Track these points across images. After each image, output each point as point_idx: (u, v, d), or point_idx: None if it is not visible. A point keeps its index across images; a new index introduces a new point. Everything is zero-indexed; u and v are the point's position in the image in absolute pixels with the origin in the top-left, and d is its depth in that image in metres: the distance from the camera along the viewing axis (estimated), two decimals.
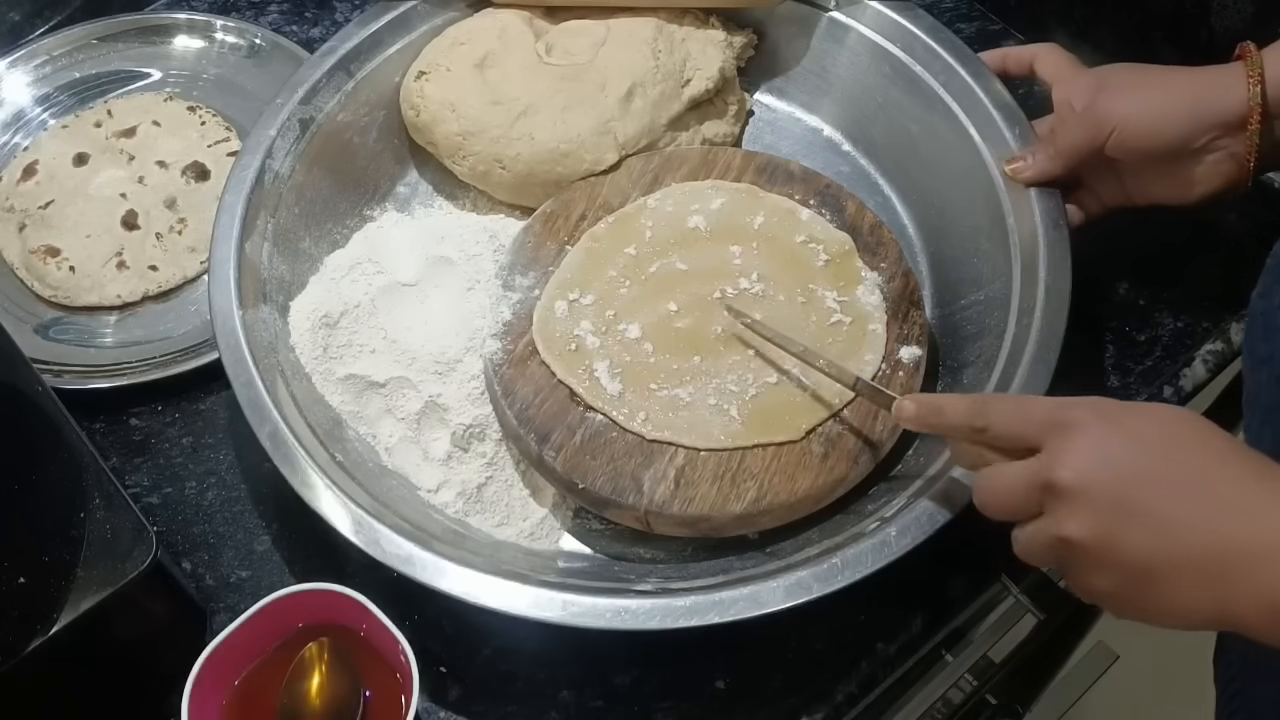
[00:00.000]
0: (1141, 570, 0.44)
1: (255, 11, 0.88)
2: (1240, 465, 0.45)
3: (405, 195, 0.77)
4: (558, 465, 0.60)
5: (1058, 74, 0.67)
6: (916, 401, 0.54)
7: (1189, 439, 0.46)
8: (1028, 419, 0.49)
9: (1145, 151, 0.63)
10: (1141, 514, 0.44)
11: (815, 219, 0.68)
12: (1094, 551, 0.45)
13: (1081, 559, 0.46)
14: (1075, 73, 0.66)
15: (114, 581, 0.52)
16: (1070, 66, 0.67)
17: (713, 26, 0.76)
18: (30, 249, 0.75)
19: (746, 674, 0.60)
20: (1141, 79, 0.64)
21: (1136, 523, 0.44)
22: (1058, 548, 0.47)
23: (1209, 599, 0.43)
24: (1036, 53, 0.69)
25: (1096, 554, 0.45)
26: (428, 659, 0.59)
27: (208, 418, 0.69)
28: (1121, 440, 0.46)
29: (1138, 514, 0.44)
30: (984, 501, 0.51)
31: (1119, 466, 0.45)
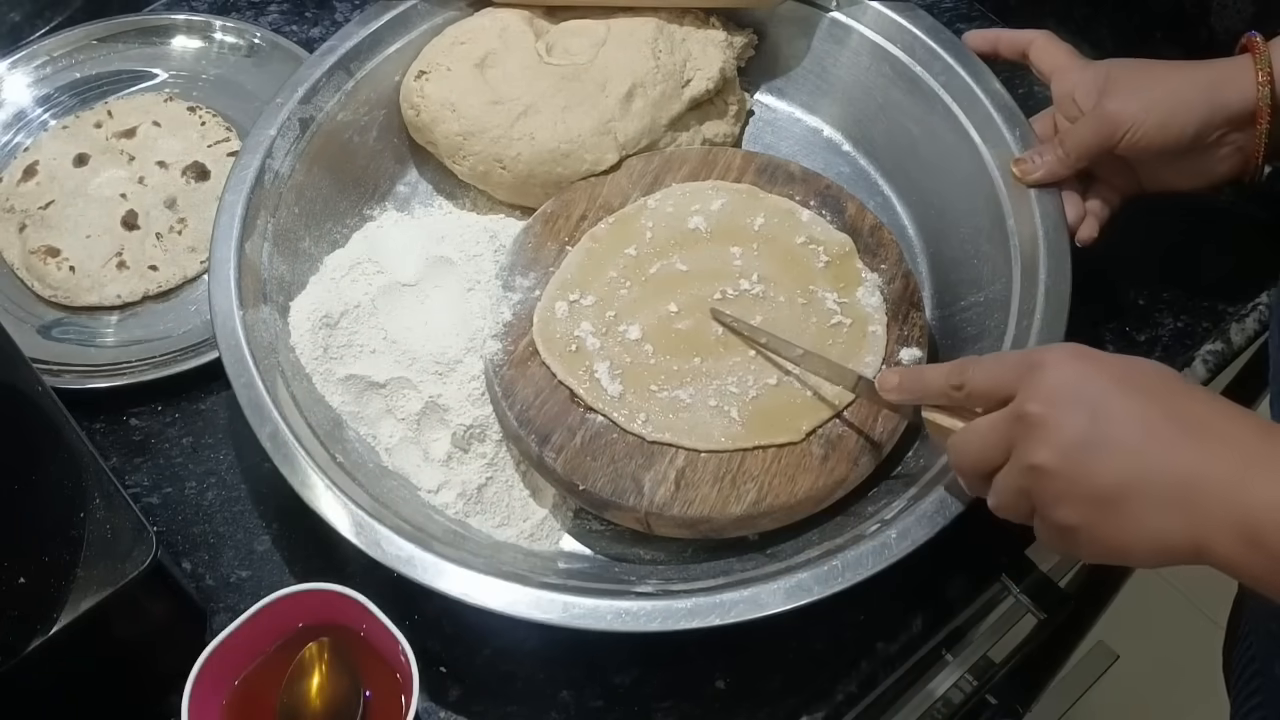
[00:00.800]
0: (1109, 497, 0.44)
1: (255, 11, 0.88)
2: (1209, 399, 0.45)
3: (405, 195, 0.77)
4: (558, 466, 0.60)
5: (1056, 65, 0.67)
6: (899, 372, 0.55)
7: (1160, 375, 0.46)
8: (1002, 365, 0.49)
9: (1156, 150, 0.63)
10: (1110, 439, 0.44)
11: (815, 220, 0.68)
12: (1062, 479, 0.45)
13: (1049, 488, 0.46)
14: (1074, 65, 0.66)
15: (114, 581, 0.52)
16: (1068, 57, 0.67)
17: (713, 26, 0.76)
18: (30, 249, 0.75)
19: (746, 674, 0.60)
20: (1147, 76, 0.63)
21: (1105, 448, 0.44)
22: (1027, 481, 0.47)
23: (1179, 526, 0.42)
24: (1032, 40, 0.68)
25: (1065, 481, 0.45)
26: (428, 659, 0.59)
27: (208, 418, 0.69)
28: (1092, 372, 0.46)
29: (1106, 439, 0.44)
30: (959, 455, 0.51)
31: (1088, 395, 0.45)
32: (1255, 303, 0.72)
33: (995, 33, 0.71)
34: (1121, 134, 0.62)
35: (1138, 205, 0.68)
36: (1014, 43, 0.69)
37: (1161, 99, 0.61)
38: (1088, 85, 0.64)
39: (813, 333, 0.64)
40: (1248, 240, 0.75)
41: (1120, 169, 0.67)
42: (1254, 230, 0.76)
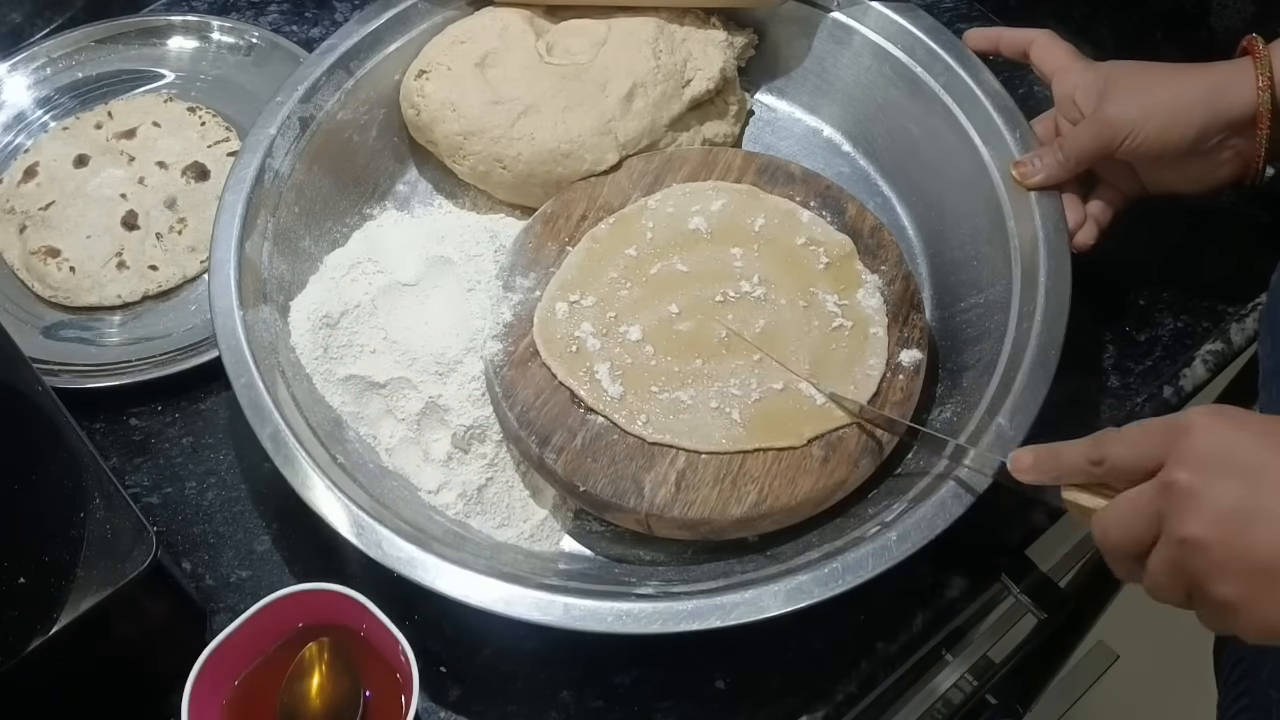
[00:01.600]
0: (1270, 568, 0.41)
1: (255, 11, 0.88)
2: None
3: (405, 194, 0.77)
4: (558, 467, 0.60)
5: (1058, 66, 0.66)
6: (1034, 451, 0.51)
7: None
8: (1145, 433, 0.46)
9: (1156, 155, 0.63)
10: (1268, 507, 0.41)
11: (816, 221, 0.68)
12: (1217, 552, 0.42)
13: (1204, 564, 0.43)
14: (1076, 66, 0.66)
15: (114, 581, 0.52)
16: (1070, 58, 0.66)
17: (714, 26, 0.76)
18: (31, 250, 0.75)
19: (746, 674, 0.60)
20: (1148, 79, 0.63)
21: (1263, 517, 0.41)
22: (1180, 558, 0.43)
23: None
24: (1034, 39, 0.68)
25: (1221, 555, 0.42)
26: (428, 659, 0.59)
27: (208, 418, 0.69)
28: (1242, 434, 0.43)
29: (1264, 507, 0.41)
30: (1104, 536, 0.47)
31: (1241, 459, 0.42)
32: (1255, 303, 0.72)
33: (996, 31, 0.71)
34: (1121, 139, 0.62)
35: (1139, 206, 0.68)
36: (1015, 42, 0.69)
37: (1162, 103, 0.61)
38: (1088, 87, 0.64)
39: (813, 335, 0.63)
40: (1248, 241, 0.75)
41: (1122, 171, 0.66)
42: (1254, 230, 0.76)
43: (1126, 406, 0.69)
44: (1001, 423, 0.58)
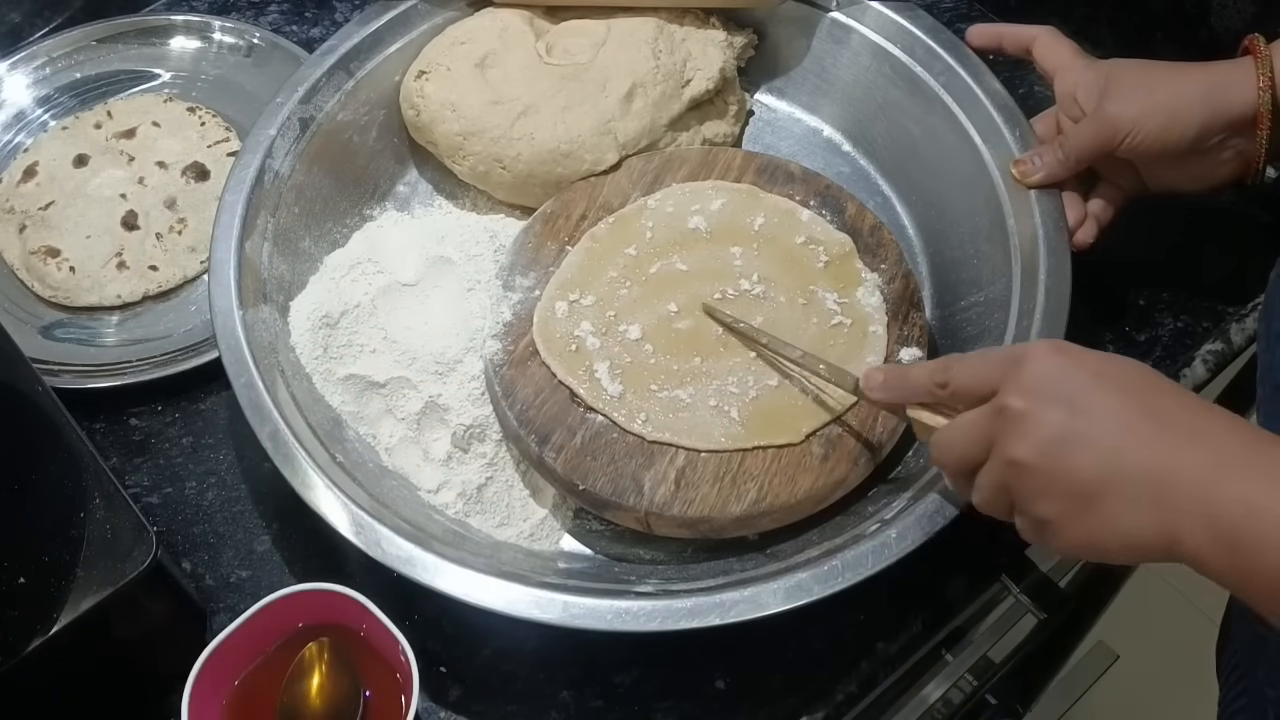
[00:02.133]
0: (1085, 492, 0.44)
1: (255, 12, 0.88)
2: (1186, 397, 0.45)
3: (405, 194, 0.77)
4: (558, 466, 0.60)
5: (1060, 64, 0.66)
6: (884, 370, 0.55)
7: (1139, 372, 0.46)
8: (985, 362, 0.49)
9: (1156, 154, 0.63)
10: (1087, 435, 0.44)
11: (815, 220, 0.68)
12: (1040, 473, 0.45)
13: (1028, 482, 0.46)
14: (1078, 63, 0.66)
15: (114, 581, 0.51)
16: (1072, 55, 0.66)
17: (713, 26, 0.76)
18: (30, 250, 0.75)
19: (746, 674, 0.60)
20: (1149, 78, 0.63)
21: (1082, 443, 0.44)
22: (1007, 476, 0.47)
23: (1152, 522, 0.43)
24: (1036, 36, 0.68)
25: (1043, 476, 0.45)
26: (428, 659, 0.59)
27: (208, 418, 0.69)
28: (1072, 367, 0.46)
29: (1084, 435, 0.44)
30: (941, 452, 0.50)
31: (1067, 390, 0.45)
32: (1255, 303, 0.72)
33: (998, 28, 0.71)
34: (1122, 137, 0.62)
35: (1139, 205, 0.68)
36: (1018, 38, 0.69)
37: (1162, 102, 0.61)
38: (1089, 85, 0.64)
39: (813, 333, 0.64)
40: (1248, 240, 0.75)
41: (1123, 169, 0.67)
42: (1255, 230, 0.76)
43: None
44: None
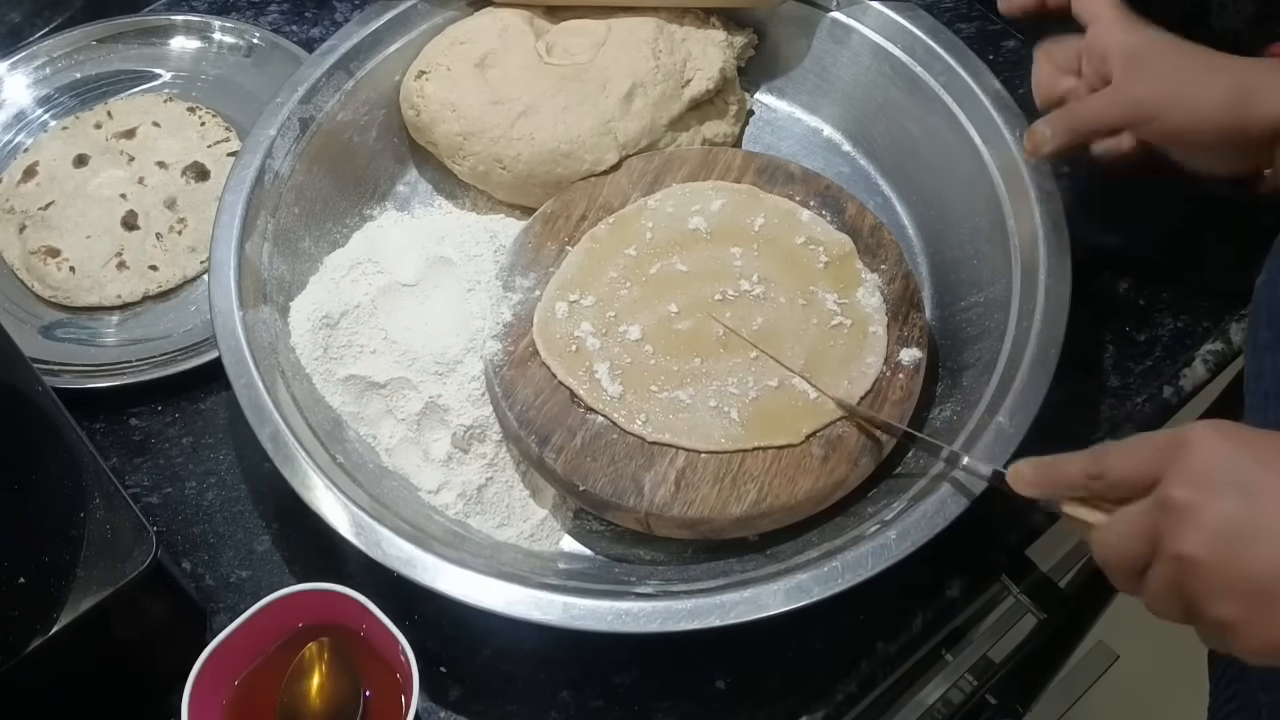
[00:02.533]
0: (1268, 588, 0.40)
1: (255, 12, 0.88)
2: None
3: (405, 195, 0.77)
4: (558, 467, 0.60)
5: (1096, 14, 0.62)
6: (1033, 466, 0.50)
7: None
8: (1144, 448, 0.45)
9: (1177, 143, 0.60)
10: (1265, 525, 0.40)
11: (816, 220, 0.68)
12: (1214, 571, 0.41)
13: (1202, 582, 0.42)
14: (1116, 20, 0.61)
15: (114, 581, 0.52)
16: (1109, 7, 0.62)
17: (713, 26, 0.76)
18: (30, 250, 0.75)
19: (746, 674, 0.60)
20: (1180, 64, 0.59)
21: (1260, 535, 0.40)
22: (1177, 576, 0.43)
23: None
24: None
25: (1217, 574, 0.41)
26: (428, 659, 0.59)
27: (208, 418, 0.69)
28: (1242, 451, 0.42)
29: (1261, 525, 0.40)
30: (1103, 551, 0.46)
31: (1240, 475, 0.41)
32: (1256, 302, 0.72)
33: None
34: (1142, 123, 0.59)
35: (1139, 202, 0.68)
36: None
37: (1188, 95, 0.58)
38: (1122, 51, 0.60)
39: (813, 334, 0.64)
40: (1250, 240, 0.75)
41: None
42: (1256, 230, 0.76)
43: (1126, 406, 0.69)
44: (1001, 421, 0.58)
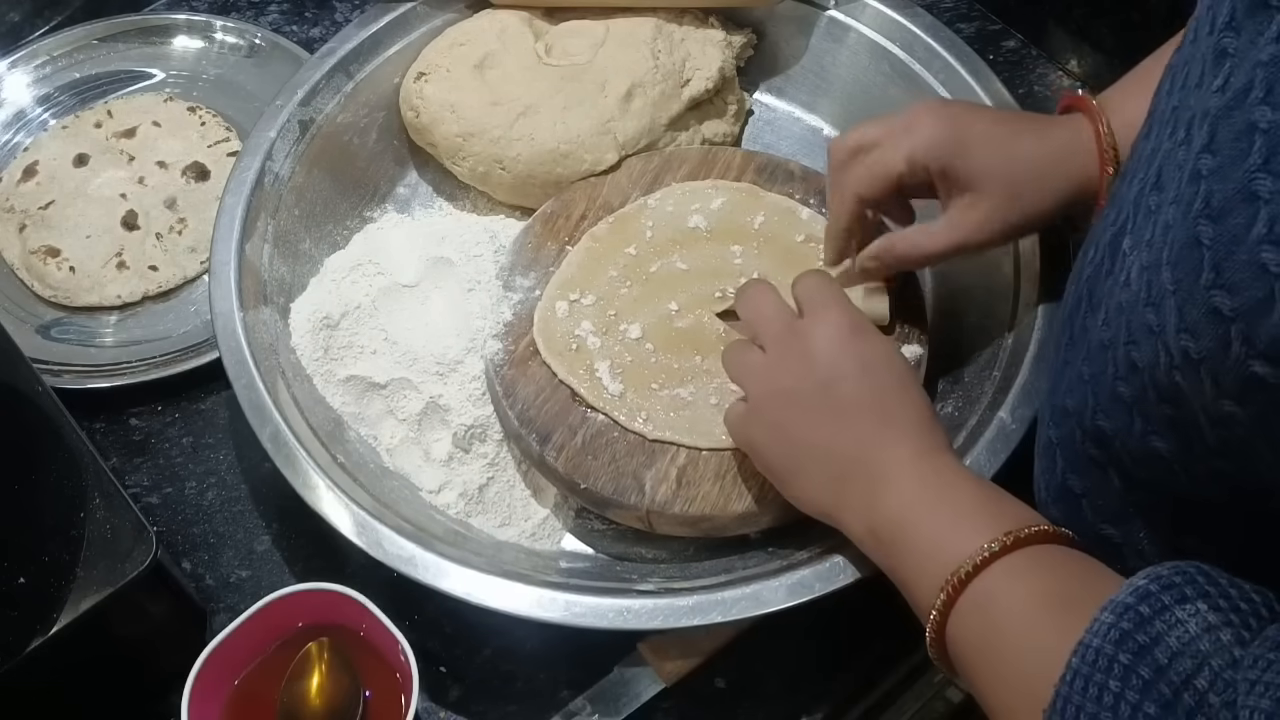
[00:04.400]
0: (808, 444, 0.51)
1: (255, 11, 0.88)
2: (911, 401, 0.52)
3: (405, 196, 0.77)
4: (559, 465, 0.60)
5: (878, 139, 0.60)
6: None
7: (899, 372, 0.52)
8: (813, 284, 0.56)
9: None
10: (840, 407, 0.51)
11: (816, 218, 0.68)
12: (800, 401, 0.52)
13: (795, 402, 0.52)
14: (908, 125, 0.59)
15: (114, 581, 0.51)
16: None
17: (712, 26, 0.76)
18: (30, 249, 0.75)
19: (746, 674, 0.60)
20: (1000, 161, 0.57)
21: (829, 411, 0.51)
22: (772, 382, 0.53)
23: (831, 497, 0.51)
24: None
25: (796, 406, 0.52)
26: (428, 659, 0.59)
27: (208, 418, 0.69)
28: (851, 347, 0.52)
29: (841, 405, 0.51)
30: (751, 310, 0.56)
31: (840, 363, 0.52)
32: None
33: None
34: (975, 246, 0.59)
35: None
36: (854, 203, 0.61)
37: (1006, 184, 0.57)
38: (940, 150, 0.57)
39: None
40: None
41: None
42: None
43: None
44: (1003, 417, 0.58)
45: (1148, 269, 0.39)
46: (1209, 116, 0.36)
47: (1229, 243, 0.33)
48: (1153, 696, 0.35)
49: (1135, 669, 0.35)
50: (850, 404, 0.51)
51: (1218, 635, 0.35)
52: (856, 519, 0.50)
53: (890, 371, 0.52)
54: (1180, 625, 0.36)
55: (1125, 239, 0.43)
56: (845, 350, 0.52)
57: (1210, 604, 0.36)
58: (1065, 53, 0.84)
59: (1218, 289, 0.34)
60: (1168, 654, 0.35)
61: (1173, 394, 0.38)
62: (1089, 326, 0.46)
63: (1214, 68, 0.37)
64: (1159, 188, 0.41)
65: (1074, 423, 0.47)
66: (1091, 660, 0.37)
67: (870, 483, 0.49)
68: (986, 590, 0.44)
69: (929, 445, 0.50)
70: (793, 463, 0.52)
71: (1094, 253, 0.47)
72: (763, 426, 0.53)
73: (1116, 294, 0.42)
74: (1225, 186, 0.34)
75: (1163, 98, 0.43)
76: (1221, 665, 0.34)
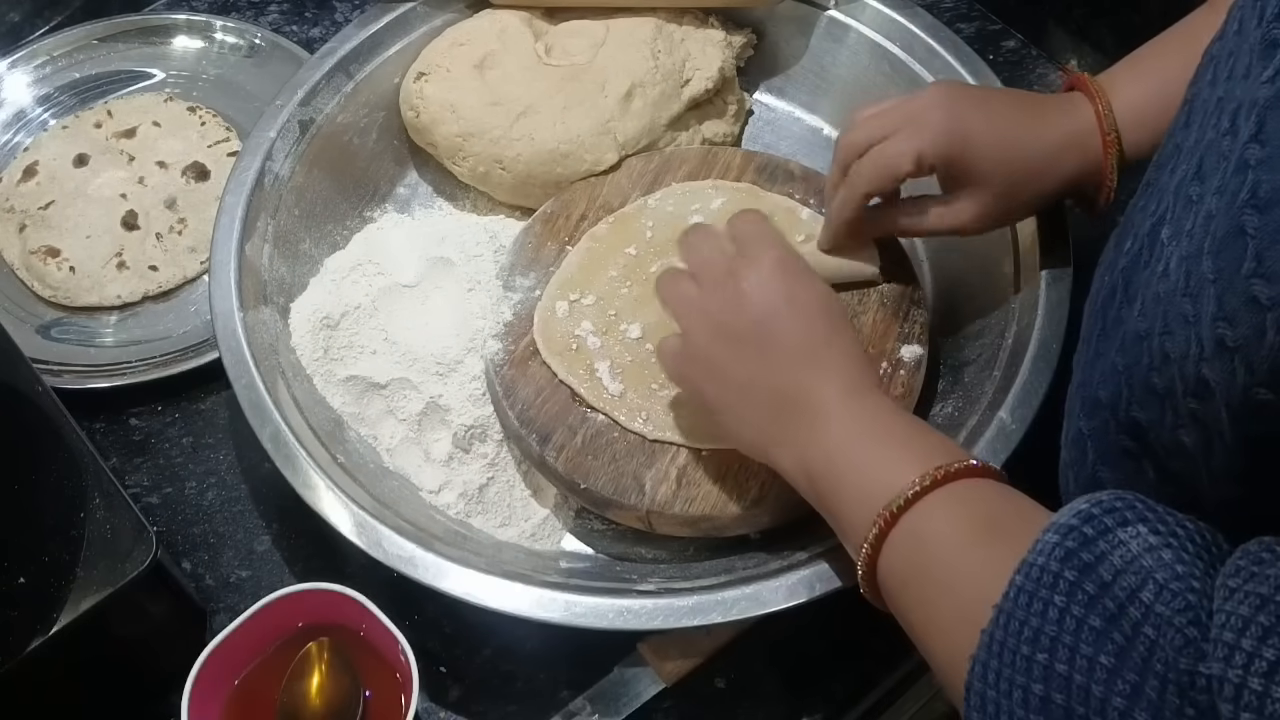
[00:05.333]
0: (743, 383, 0.52)
1: (255, 11, 0.88)
2: (839, 344, 0.51)
3: (405, 196, 0.77)
4: (559, 466, 0.60)
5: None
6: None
7: (832, 313, 0.52)
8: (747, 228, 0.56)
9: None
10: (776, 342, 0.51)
11: (815, 218, 0.68)
12: (742, 338, 0.52)
13: (728, 340, 0.52)
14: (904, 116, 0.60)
15: (114, 581, 0.51)
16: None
17: (712, 26, 0.76)
18: (30, 249, 0.75)
19: (746, 674, 0.60)
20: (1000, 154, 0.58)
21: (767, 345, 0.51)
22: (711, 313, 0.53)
23: (760, 431, 0.52)
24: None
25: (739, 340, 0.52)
26: (428, 659, 0.59)
27: (208, 418, 0.69)
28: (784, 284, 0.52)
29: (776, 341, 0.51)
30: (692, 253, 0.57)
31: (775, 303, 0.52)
32: None
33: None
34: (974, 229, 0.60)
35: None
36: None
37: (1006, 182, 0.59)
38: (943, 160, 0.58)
39: None
40: None
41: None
42: None
43: None
44: (1003, 417, 0.58)
45: (1187, 259, 0.39)
46: (1257, 107, 0.36)
47: (1274, 232, 0.34)
48: (1097, 610, 0.35)
49: (1080, 584, 0.36)
50: (782, 341, 0.51)
51: (1159, 554, 0.36)
52: (789, 455, 0.50)
53: (822, 311, 0.52)
54: (1123, 545, 0.36)
55: (1164, 229, 0.43)
56: (779, 289, 0.52)
57: (1150, 528, 0.37)
58: (1065, 53, 0.84)
59: (1258, 278, 0.34)
60: (1111, 571, 0.36)
61: (1199, 388, 0.39)
62: (1124, 317, 0.46)
63: (1263, 58, 0.37)
64: (1200, 178, 0.41)
65: (1107, 414, 0.47)
66: (1036, 577, 0.37)
67: (803, 419, 0.50)
68: (919, 522, 0.45)
69: (860, 383, 0.51)
70: (726, 398, 0.53)
71: (1131, 243, 0.47)
72: (697, 361, 0.54)
73: (1154, 284, 0.42)
74: (1274, 176, 0.34)
75: (1205, 87, 0.43)
76: (1166, 579, 0.35)
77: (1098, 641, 0.35)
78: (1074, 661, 0.35)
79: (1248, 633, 0.31)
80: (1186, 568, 0.35)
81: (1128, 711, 0.34)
